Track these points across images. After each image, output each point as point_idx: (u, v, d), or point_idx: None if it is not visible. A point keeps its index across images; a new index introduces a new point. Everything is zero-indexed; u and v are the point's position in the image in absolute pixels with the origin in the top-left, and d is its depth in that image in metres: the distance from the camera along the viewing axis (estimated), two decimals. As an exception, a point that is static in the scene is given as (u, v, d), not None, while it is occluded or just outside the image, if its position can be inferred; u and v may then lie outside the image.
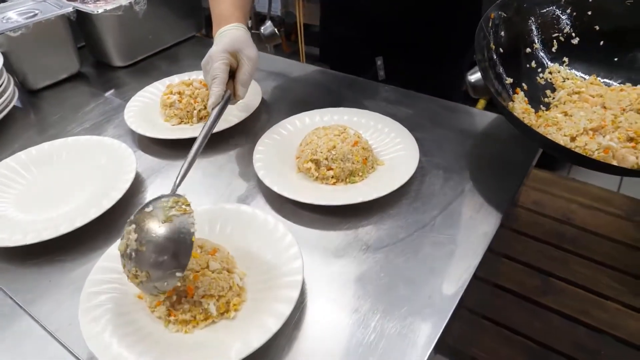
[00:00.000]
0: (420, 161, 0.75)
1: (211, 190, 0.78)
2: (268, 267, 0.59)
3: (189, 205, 0.57)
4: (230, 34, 0.80)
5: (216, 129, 0.84)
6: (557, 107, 0.84)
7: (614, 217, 1.88)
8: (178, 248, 0.52)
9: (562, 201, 1.97)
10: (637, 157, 0.71)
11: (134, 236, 0.53)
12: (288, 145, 0.81)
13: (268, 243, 0.62)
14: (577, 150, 0.72)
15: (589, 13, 0.87)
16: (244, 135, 0.89)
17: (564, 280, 1.65)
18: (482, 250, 0.64)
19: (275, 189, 0.71)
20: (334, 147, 0.73)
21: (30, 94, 1.08)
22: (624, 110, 0.78)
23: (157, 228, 0.53)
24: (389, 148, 0.79)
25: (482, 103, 2.34)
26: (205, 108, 0.90)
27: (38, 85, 1.08)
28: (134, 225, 0.54)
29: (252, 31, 2.73)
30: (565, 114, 0.80)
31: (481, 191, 0.73)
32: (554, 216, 1.89)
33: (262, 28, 2.49)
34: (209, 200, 0.75)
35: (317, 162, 0.74)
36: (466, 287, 0.59)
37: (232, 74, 0.79)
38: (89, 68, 1.18)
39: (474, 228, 0.67)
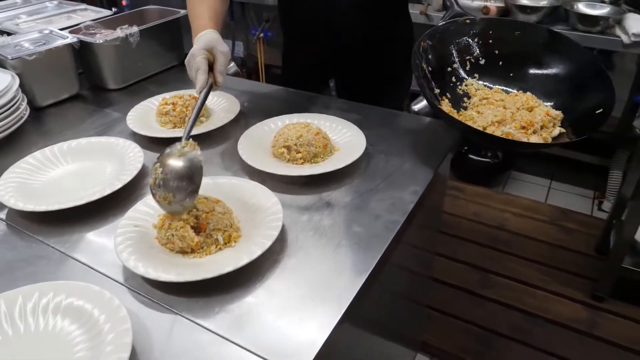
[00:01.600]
0: (367, 149, 0.99)
1: (205, 174, 0.97)
2: (256, 214, 0.80)
3: (196, 144, 0.79)
4: (205, 36, 1.03)
5: (204, 130, 1.06)
6: (472, 109, 1.10)
7: (540, 222, 2.18)
8: (192, 172, 0.76)
9: (497, 211, 2.26)
10: (527, 138, 0.97)
11: (159, 170, 0.74)
12: (264, 140, 1.03)
13: (256, 199, 0.83)
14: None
15: (491, 41, 1.16)
16: (227, 136, 1.10)
17: (500, 275, 1.91)
18: (412, 202, 0.87)
19: (257, 166, 0.92)
20: (301, 135, 0.96)
21: (35, 111, 1.26)
22: (518, 109, 1.05)
23: (175, 161, 0.76)
24: (342, 138, 1.02)
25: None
26: (196, 115, 1.11)
27: (44, 103, 1.26)
28: (158, 163, 0.76)
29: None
30: (478, 112, 1.06)
31: (413, 167, 0.97)
32: (490, 224, 2.17)
33: (226, 69, 2.75)
34: (205, 180, 0.95)
35: (288, 148, 0.96)
36: (400, 226, 0.82)
37: (211, 67, 1.00)
38: (86, 91, 1.36)
39: (407, 189, 0.90)
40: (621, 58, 2.21)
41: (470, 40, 1.17)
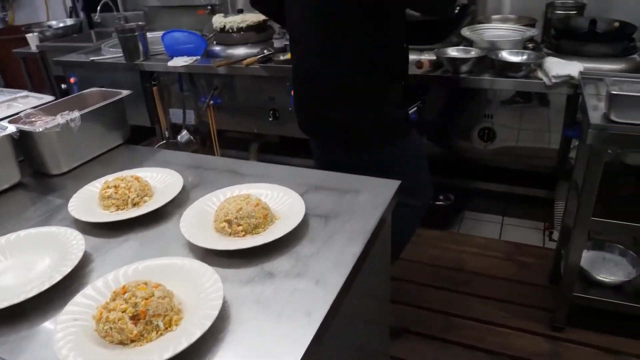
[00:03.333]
0: (307, 213, 1.02)
1: (148, 254, 0.98)
2: (198, 293, 0.81)
3: None
4: None
5: (147, 210, 1.07)
6: None
7: (497, 259, 2.25)
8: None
9: (454, 252, 2.32)
10: None
11: None
12: (206, 215, 1.05)
13: (197, 277, 0.84)
14: None
15: None
16: (171, 213, 1.12)
17: (461, 317, 1.94)
18: (350, 263, 0.90)
19: (199, 243, 0.94)
20: (241, 208, 0.99)
21: (-27, 204, 1.24)
22: None
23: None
24: (282, 206, 1.06)
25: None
26: (137, 196, 1.13)
27: (-17, 196, 1.25)
28: None
29: (170, 140, 2.99)
30: None
31: (353, 227, 1.01)
32: (448, 266, 2.22)
33: (179, 137, 2.80)
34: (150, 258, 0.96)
35: (229, 222, 0.99)
36: (340, 288, 0.84)
37: None
38: (28, 178, 1.36)
39: (346, 250, 0.94)
40: (552, 97, 2.38)
41: None
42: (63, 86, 3.04)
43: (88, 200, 1.16)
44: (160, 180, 1.22)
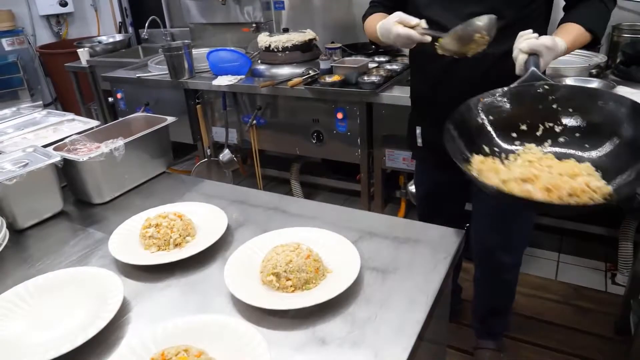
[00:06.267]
0: (361, 266, 0.92)
1: (189, 305, 0.91)
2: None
3: None
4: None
5: (189, 254, 1.00)
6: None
7: (553, 302, 2.08)
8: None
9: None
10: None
11: None
12: (252, 262, 0.97)
13: (242, 342, 0.76)
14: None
15: (570, 110, 1.05)
16: (213, 257, 1.04)
17: (514, 367, 1.77)
18: (414, 334, 0.79)
19: (244, 299, 0.85)
20: (291, 261, 0.90)
21: (16, 233, 1.21)
22: (560, 174, 0.94)
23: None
24: (335, 258, 0.96)
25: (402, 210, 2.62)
26: (180, 236, 1.06)
27: (25, 225, 1.21)
28: None
29: (212, 158, 2.96)
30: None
31: (411, 286, 0.90)
32: (498, 307, 2.05)
33: (221, 155, 2.76)
34: (189, 313, 0.88)
35: (277, 275, 0.90)
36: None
37: None
38: (70, 206, 1.32)
39: (408, 317, 0.83)
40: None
41: (548, 105, 1.05)
42: (110, 99, 3.07)
43: (129, 238, 1.10)
44: (203, 217, 1.15)
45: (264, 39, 2.63)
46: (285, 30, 2.72)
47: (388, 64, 2.49)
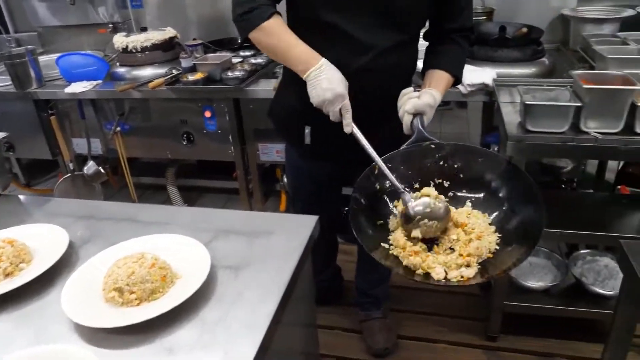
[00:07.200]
0: (213, 266, 0.90)
1: (21, 339, 0.81)
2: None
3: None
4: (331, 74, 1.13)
5: (22, 282, 0.90)
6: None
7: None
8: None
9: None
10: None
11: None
12: (96, 279, 0.90)
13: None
14: None
15: (456, 166, 1.11)
16: (51, 282, 0.94)
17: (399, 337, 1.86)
18: (265, 325, 0.79)
19: (82, 322, 0.79)
20: (133, 272, 0.85)
21: None
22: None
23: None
24: (184, 262, 0.93)
25: (282, 203, 2.64)
26: (11, 265, 0.95)
27: None
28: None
29: (76, 173, 2.73)
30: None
31: (264, 279, 0.90)
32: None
33: (85, 168, 2.55)
34: (20, 348, 0.79)
35: (119, 290, 0.84)
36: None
37: None
38: None
39: (260, 311, 0.82)
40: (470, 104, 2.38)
41: (435, 163, 1.12)
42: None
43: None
44: (41, 239, 1.04)
45: (120, 40, 2.47)
46: (144, 30, 2.58)
47: (253, 57, 2.47)
